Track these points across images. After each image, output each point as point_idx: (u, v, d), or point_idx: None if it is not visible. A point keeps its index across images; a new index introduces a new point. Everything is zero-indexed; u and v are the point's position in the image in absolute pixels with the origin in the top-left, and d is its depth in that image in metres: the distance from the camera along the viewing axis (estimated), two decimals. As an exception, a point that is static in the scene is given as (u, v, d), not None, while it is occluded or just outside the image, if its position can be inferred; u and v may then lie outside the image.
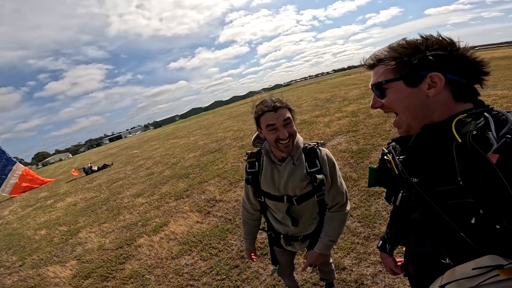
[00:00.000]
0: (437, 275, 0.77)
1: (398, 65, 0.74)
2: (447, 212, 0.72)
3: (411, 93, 0.73)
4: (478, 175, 0.60)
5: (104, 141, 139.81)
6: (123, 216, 5.39)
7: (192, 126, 25.95)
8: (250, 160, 1.47)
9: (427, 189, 0.76)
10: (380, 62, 0.77)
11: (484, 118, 0.66)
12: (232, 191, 4.86)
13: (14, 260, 4.70)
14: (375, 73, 0.79)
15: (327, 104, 12.16)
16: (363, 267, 2.28)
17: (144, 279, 3.03)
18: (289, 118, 1.29)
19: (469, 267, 0.69)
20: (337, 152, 5.28)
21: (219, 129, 15.41)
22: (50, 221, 6.67)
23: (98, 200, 7.45)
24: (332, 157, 1.41)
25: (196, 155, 9.39)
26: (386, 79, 0.76)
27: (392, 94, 0.77)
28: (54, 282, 3.53)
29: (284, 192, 1.41)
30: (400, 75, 0.74)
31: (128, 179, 9.01)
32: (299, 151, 1.39)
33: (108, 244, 4.25)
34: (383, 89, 0.78)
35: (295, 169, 1.37)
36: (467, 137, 0.62)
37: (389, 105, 0.79)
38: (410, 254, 0.94)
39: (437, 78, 0.70)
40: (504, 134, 0.61)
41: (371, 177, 1.01)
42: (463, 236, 0.69)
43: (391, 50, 0.76)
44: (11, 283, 3.86)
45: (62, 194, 10.08)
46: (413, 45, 0.72)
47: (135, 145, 26.33)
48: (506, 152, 0.59)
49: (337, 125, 7.38)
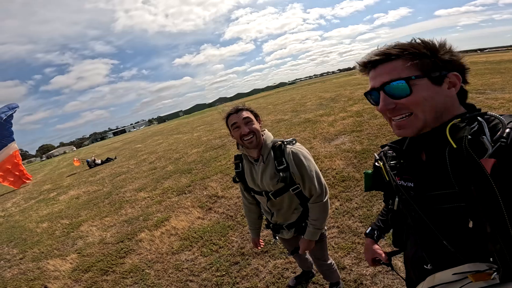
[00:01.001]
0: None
1: (420, 62, 0.69)
2: (435, 217, 0.74)
3: (437, 92, 0.69)
4: (471, 182, 0.61)
5: (108, 135, 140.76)
6: (125, 210, 5.42)
7: (196, 122, 26.03)
8: (235, 162, 1.70)
9: (421, 193, 0.76)
10: (393, 58, 0.70)
11: (478, 122, 0.66)
12: (234, 188, 4.85)
13: (15, 253, 4.74)
14: (390, 70, 0.71)
15: (332, 103, 12.09)
16: (362, 267, 2.27)
17: (143, 273, 3.04)
18: (249, 117, 1.48)
19: (448, 274, 0.71)
20: (340, 151, 5.25)
21: (222, 125, 15.31)
22: (52, 214, 6.74)
23: (100, 193, 7.50)
24: (299, 153, 1.49)
25: (199, 150, 9.41)
26: (410, 76, 0.68)
27: (420, 91, 0.68)
28: (54, 275, 3.55)
29: (262, 188, 1.58)
30: (423, 73, 0.68)
31: (131, 173, 9.07)
32: (268, 150, 1.53)
33: (109, 238, 4.27)
34: (410, 84, 0.69)
35: (265, 168, 1.53)
36: (463, 143, 0.62)
37: (412, 103, 0.70)
38: (409, 259, 0.93)
39: (457, 78, 0.70)
40: (498, 138, 0.61)
41: (367, 182, 1.01)
42: (445, 243, 0.72)
43: (407, 47, 0.69)
44: (10, 276, 3.89)
45: (65, 187, 10.18)
46: (431, 45, 0.70)
47: (139, 139, 26.49)
48: (502, 156, 0.59)
49: (341, 125, 7.34)
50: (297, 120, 9.88)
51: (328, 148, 5.68)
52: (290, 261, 2.57)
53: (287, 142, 1.52)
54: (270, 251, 2.79)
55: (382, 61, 0.72)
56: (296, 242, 1.91)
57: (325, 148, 5.74)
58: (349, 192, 3.58)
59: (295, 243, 1.91)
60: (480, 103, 6.45)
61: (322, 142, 6.30)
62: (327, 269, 1.96)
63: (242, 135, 1.46)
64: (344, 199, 3.39)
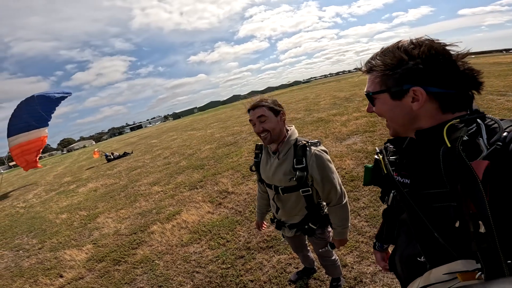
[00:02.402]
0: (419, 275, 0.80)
1: (384, 77, 0.75)
2: (429, 214, 0.74)
3: (395, 105, 0.76)
4: (458, 181, 0.62)
5: (125, 130, 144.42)
6: (139, 203, 5.63)
7: (210, 119, 26.30)
8: (256, 151, 1.75)
9: (416, 191, 0.78)
10: (371, 71, 0.79)
11: (477, 124, 0.67)
12: (244, 184, 4.94)
13: (34, 243, 4.99)
14: (368, 80, 0.81)
15: (346, 103, 11.94)
16: (364, 265, 2.30)
17: (153, 264, 3.19)
18: (263, 115, 1.49)
19: (442, 271, 0.72)
20: (352, 151, 5.23)
21: (235, 122, 15.55)
22: (71, 205, 7.04)
23: (117, 186, 7.78)
24: (322, 157, 1.47)
25: (212, 147, 9.56)
26: (373, 91, 0.79)
27: (379, 105, 0.80)
28: (70, 264, 3.75)
29: (272, 182, 1.61)
30: (385, 87, 0.75)
31: (146, 168, 9.34)
32: (288, 146, 1.54)
33: (123, 229, 4.46)
34: (372, 98, 0.81)
35: (281, 163, 1.54)
36: (457, 142, 0.62)
37: (378, 113, 0.83)
38: (398, 254, 0.96)
39: (419, 93, 0.70)
40: (495, 141, 0.62)
41: (366, 176, 1.03)
42: (438, 237, 0.72)
43: (381, 58, 0.76)
44: (28, 265, 4.10)
45: (84, 180, 10.59)
46: (398, 55, 0.72)
47: (154, 135, 27.08)
48: (496, 159, 0.59)
49: (354, 125, 7.26)
50: (309, 119, 9.84)
51: (339, 148, 5.67)
52: (293, 256, 2.63)
53: (312, 143, 1.50)
54: (275, 247, 2.86)
55: (368, 72, 0.81)
56: (299, 240, 2.01)
57: (336, 148, 5.73)
58: (357, 192, 3.59)
59: (297, 241, 2.00)
60: (500, 105, 6.23)
61: (333, 141, 6.28)
62: (330, 264, 2.00)
63: (257, 132, 1.52)
64: (352, 199, 3.40)
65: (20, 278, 3.77)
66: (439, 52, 0.69)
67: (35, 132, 12.47)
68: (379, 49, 0.80)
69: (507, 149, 0.59)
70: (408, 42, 0.73)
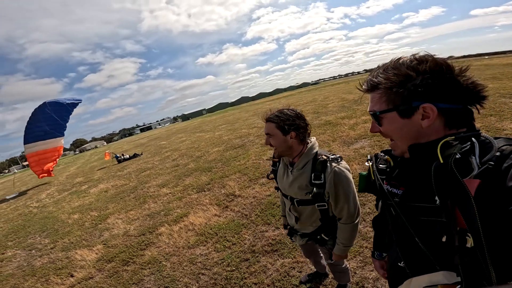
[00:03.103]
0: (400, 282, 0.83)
1: (390, 95, 0.73)
2: (415, 225, 0.76)
3: (404, 124, 0.74)
4: (449, 196, 0.64)
5: (136, 131, 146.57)
6: (148, 204, 5.74)
7: (218, 121, 26.47)
8: (274, 159, 1.70)
9: (405, 202, 0.80)
10: (375, 89, 0.77)
11: (471, 142, 0.67)
12: (251, 188, 4.98)
13: (47, 242, 5.13)
14: (372, 99, 0.79)
15: (355, 105, 11.85)
16: (367, 271, 2.32)
17: (160, 265, 3.27)
18: (269, 133, 1.50)
19: (423, 281, 0.74)
20: (359, 156, 5.21)
21: (243, 125, 15.62)
22: (83, 206, 7.21)
23: (127, 188, 7.94)
24: (341, 175, 1.42)
25: (220, 149, 9.65)
26: (380, 110, 0.77)
27: (387, 124, 0.78)
28: (80, 264, 3.86)
29: (288, 193, 1.61)
30: (393, 106, 0.74)
31: (155, 170, 9.48)
32: (307, 159, 1.50)
33: (132, 230, 4.57)
34: (379, 118, 0.78)
35: (299, 176, 1.51)
36: (450, 159, 0.63)
37: (385, 133, 0.81)
38: (389, 261, 0.99)
39: (430, 109, 0.69)
40: (487, 160, 0.63)
41: (361, 183, 1.04)
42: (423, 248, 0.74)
43: (385, 75, 0.74)
44: (40, 265, 4.23)
45: (96, 180, 10.83)
46: (403, 71, 0.71)
47: (163, 136, 27.42)
48: (487, 179, 0.60)
49: (362, 128, 7.21)
50: (317, 122, 9.81)
51: (347, 152, 5.65)
52: (297, 260, 2.66)
53: (333, 159, 1.45)
54: (280, 250, 2.90)
55: (372, 90, 0.79)
56: (310, 247, 2.03)
57: (343, 152, 5.71)
58: (363, 197, 3.58)
59: (309, 247, 2.02)
60: (512, 109, 6.10)
61: (341, 145, 6.26)
62: (339, 271, 2.02)
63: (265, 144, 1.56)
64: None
65: (32, 277, 3.89)
66: (443, 67, 0.69)
67: (52, 141, 13.08)
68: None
69: (499, 169, 0.60)
70: (410, 58, 0.73)
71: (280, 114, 1.48)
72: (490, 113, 5.84)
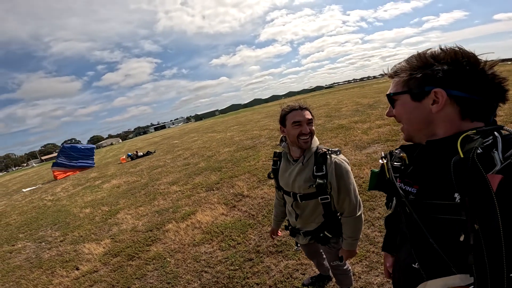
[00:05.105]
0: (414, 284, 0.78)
1: (407, 79, 0.76)
2: (430, 225, 0.72)
3: (415, 107, 0.75)
4: (468, 193, 0.60)
5: (150, 129, 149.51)
6: (157, 201, 5.81)
7: (230, 122, 26.63)
8: (274, 158, 1.75)
9: (421, 200, 0.76)
10: (396, 74, 0.80)
11: (493, 137, 0.63)
12: (260, 188, 4.95)
13: (57, 235, 5.27)
14: (392, 84, 0.83)
15: (369, 110, 11.64)
16: (372, 276, 2.24)
17: (164, 261, 3.28)
18: (312, 119, 1.52)
19: (438, 285, 0.69)
20: (371, 160, 5.09)
21: (255, 126, 15.63)
22: (95, 200, 7.39)
23: (138, 184, 8.08)
24: (342, 166, 1.47)
25: (231, 150, 9.68)
26: (394, 92, 0.80)
27: (399, 106, 0.80)
28: (87, 258, 3.92)
29: (291, 189, 1.61)
30: (407, 89, 0.76)
31: (167, 167, 9.61)
32: (311, 154, 1.54)
33: (140, 226, 4.62)
34: (393, 100, 0.81)
35: (303, 169, 1.54)
36: (471, 154, 0.60)
37: (397, 115, 0.82)
38: (398, 263, 0.94)
39: (440, 94, 0.69)
40: (510, 155, 0.59)
41: (372, 180, 1.01)
42: (437, 249, 0.69)
43: (407, 62, 0.78)
44: (48, 257, 4.33)
45: (109, 176, 11.09)
46: (423, 59, 0.73)
47: (176, 135, 27.83)
48: (509, 174, 0.57)
49: (376, 133, 7.07)
50: (330, 126, 9.69)
51: (359, 156, 5.53)
52: (301, 262, 2.61)
53: (332, 151, 1.51)
54: (284, 252, 2.85)
55: (393, 76, 0.82)
56: (313, 247, 1.99)
57: (355, 156, 5.60)
58: (373, 202, 3.48)
59: (311, 248, 1.99)
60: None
61: (353, 149, 6.14)
62: (341, 273, 1.97)
63: (302, 133, 1.47)
64: (367, 208, 3.31)
65: (38, 269, 3.98)
66: (465, 56, 0.68)
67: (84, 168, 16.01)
68: (409, 54, 0.81)
69: None
70: (437, 49, 0.74)
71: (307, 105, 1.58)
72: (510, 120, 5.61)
